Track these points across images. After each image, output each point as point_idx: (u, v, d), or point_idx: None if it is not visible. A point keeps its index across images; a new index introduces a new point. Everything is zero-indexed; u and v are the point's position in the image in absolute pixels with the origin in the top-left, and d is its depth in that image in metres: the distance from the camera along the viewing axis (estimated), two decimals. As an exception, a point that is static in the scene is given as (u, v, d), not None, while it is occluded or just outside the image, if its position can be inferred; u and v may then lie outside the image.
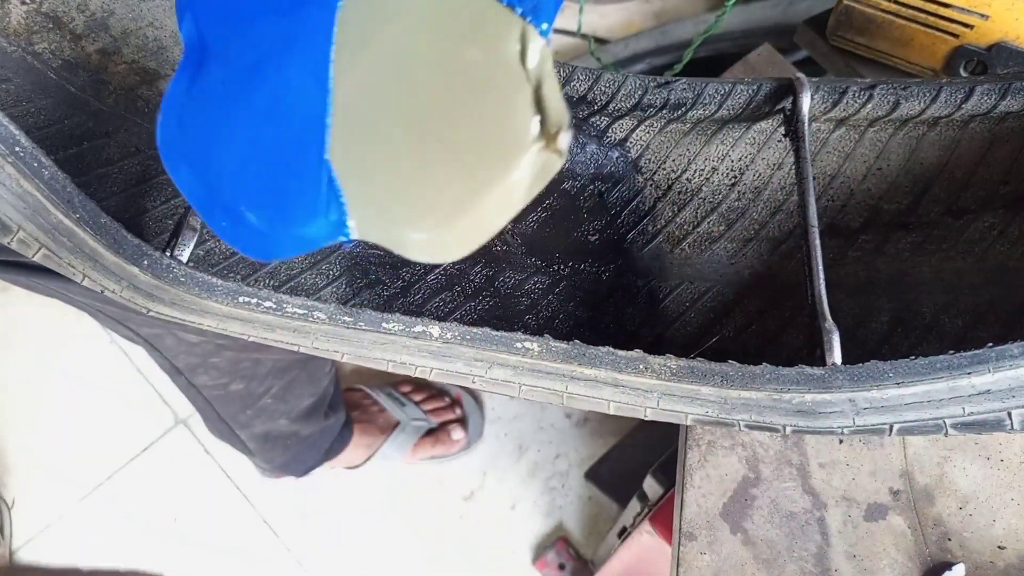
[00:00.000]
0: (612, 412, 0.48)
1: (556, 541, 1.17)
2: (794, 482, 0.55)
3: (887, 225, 0.58)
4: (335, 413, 1.04)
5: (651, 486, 0.84)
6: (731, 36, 1.12)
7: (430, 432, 1.21)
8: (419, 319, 0.46)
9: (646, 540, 0.78)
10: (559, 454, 1.23)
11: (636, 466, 1.12)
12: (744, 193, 0.61)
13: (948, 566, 0.51)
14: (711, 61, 1.15)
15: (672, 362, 0.46)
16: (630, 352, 0.46)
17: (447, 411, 1.23)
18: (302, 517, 1.20)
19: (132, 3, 0.56)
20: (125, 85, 0.57)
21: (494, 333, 0.46)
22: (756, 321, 0.58)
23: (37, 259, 0.42)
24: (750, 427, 0.47)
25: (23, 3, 0.50)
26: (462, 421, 1.23)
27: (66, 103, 0.54)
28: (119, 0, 0.55)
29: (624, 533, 0.94)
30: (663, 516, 0.75)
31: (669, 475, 0.82)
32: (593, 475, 1.18)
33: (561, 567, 1.15)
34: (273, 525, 1.19)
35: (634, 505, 0.91)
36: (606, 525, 1.17)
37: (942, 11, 0.63)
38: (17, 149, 0.38)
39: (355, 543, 1.19)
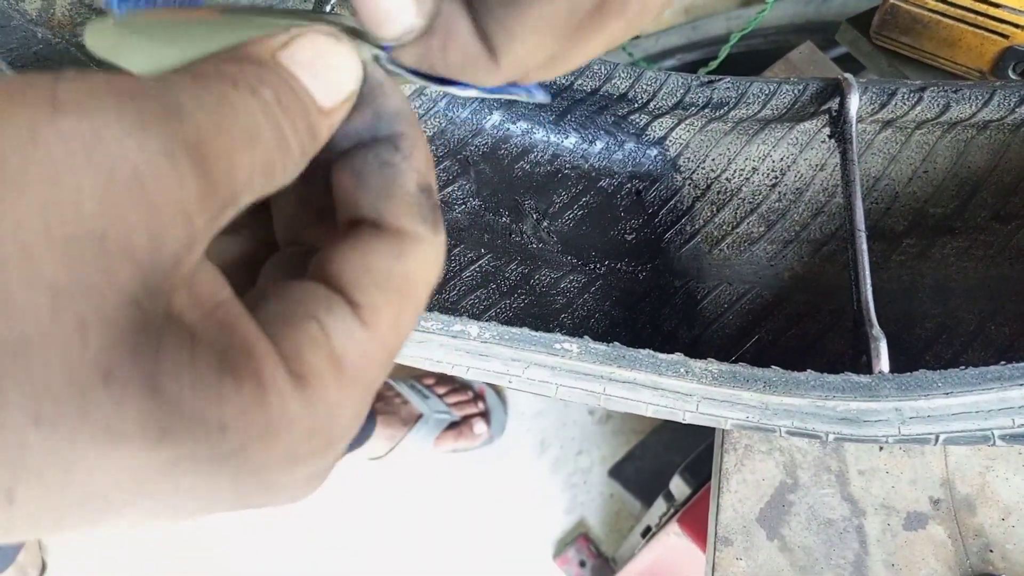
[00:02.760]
0: (650, 415, 0.48)
1: (577, 538, 1.17)
2: (832, 488, 0.54)
3: (932, 229, 0.57)
4: (359, 406, 1.04)
5: (678, 486, 0.83)
6: (764, 32, 1.10)
7: (453, 425, 1.21)
8: (457, 318, 0.46)
9: (673, 541, 0.77)
10: (581, 450, 1.22)
11: (660, 465, 1.12)
12: (785, 194, 0.60)
13: (989, 578, 0.50)
14: (743, 57, 1.13)
15: (714, 366, 0.45)
16: (671, 355, 0.46)
17: (470, 405, 1.23)
18: (323, 506, 1.20)
19: (172, -6, 0.56)
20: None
21: (533, 334, 0.46)
22: (796, 325, 0.57)
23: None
24: (791, 433, 0.47)
25: (67, -6, 0.50)
26: (485, 415, 1.23)
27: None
28: (160, -9, 0.55)
29: (649, 532, 0.94)
30: (691, 517, 0.75)
31: (697, 475, 0.82)
32: (616, 473, 1.18)
33: (582, 564, 1.15)
34: (294, 513, 1.20)
35: (660, 504, 0.91)
36: (628, 523, 1.16)
37: (992, 11, 0.62)
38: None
39: (375, 533, 1.19)
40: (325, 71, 0.20)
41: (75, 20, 0.50)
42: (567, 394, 0.48)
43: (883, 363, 0.44)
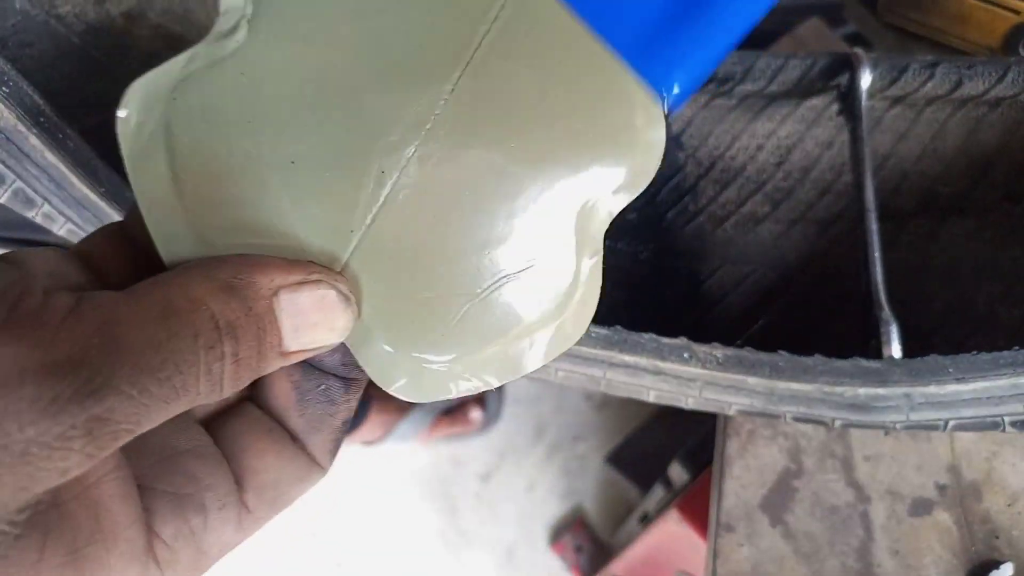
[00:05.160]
0: (652, 400, 0.46)
1: (573, 523, 1.16)
2: (837, 474, 0.53)
3: (942, 209, 0.56)
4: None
5: (677, 472, 0.82)
6: (772, 11, 1.08)
7: (448, 411, 1.20)
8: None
9: (672, 527, 0.76)
10: (577, 436, 1.21)
11: (658, 450, 1.11)
12: (791, 172, 0.59)
13: (995, 564, 0.49)
14: (750, 37, 1.11)
15: (718, 351, 0.44)
16: (674, 339, 0.44)
17: (465, 390, 1.22)
18: (317, 492, 1.19)
19: (158, -37, 0.54)
20: (149, 50, 0.55)
21: (532, 316, 0.44)
22: (801, 307, 0.56)
23: (62, 234, 0.41)
24: (797, 419, 0.45)
25: (47, -39, 0.48)
26: (480, 401, 1.21)
27: (89, 69, 0.51)
28: (145, -40, 0.53)
29: (646, 518, 0.93)
30: (691, 503, 0.74)
31: (696, 461, 0.81)
32: (614, 459, 1.17)
33: (578, 549, 1.14)
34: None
35: (658, 490, 0.90)
36: (624, 509, 1.16)
37: (1003, -15, 0.60)
38: (42, 120, 0.36)
39: (371, 520, 1.18)
40: (312, 327, 0.21)
41: (54, -12, 0.48)
42: (568, 379, 0.47)
43: (894, 348, 0.43)
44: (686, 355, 0.44)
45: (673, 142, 0.61)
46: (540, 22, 0.23)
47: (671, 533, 0.78)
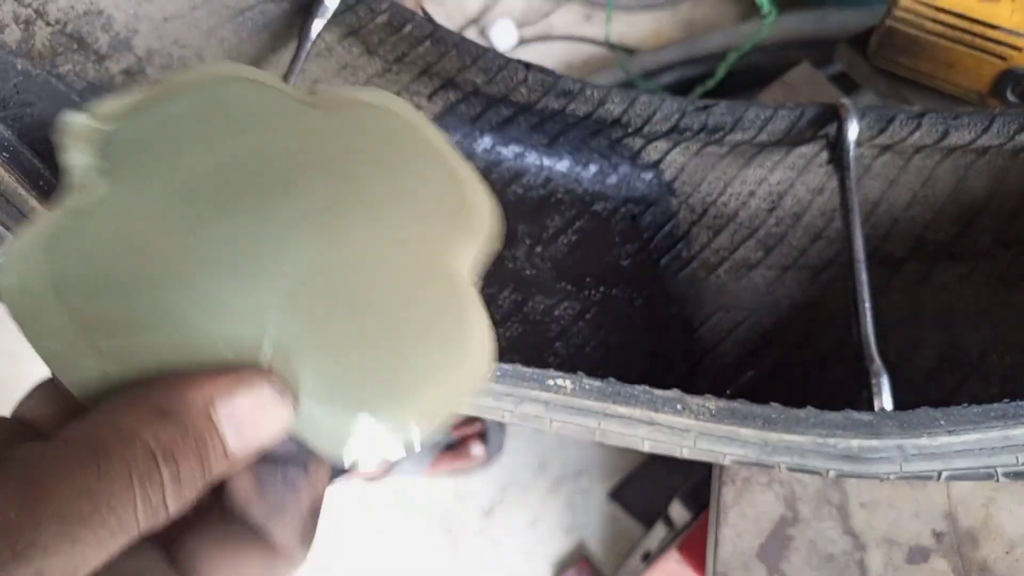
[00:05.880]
0: (647, 450, 0.47)
1: (577, 560, 1.15)
2: (834, 522, 0.53)
3: (933, 255, 0.56)
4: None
5: (678, 511, 0.82)
6: (763, 48, 1.10)
7: (450, 447, 1.19)
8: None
9: (673, 568, 0.76)
10: (581, 471, 1.21)
11: (661, 487, 1.10)
12: (783, 218, 0.59)
13: (994, 613, 0.49)
14: (741, 73, 1.12)
15: (711, 403, 0.44)
16: (667, 391, 0.44)
17: (467, 425, 1.21)
18: (319, 528, 1.19)
19: (156, 22, 0.55)
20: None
21: (525, 370, 0.45)
22: (795, 353, 0.56)
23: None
24: (792, 469, 0.45)
25: (48, 24, 0.49)
26: (482, 435, 1.21)
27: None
28: (143, 19, 0.54)
29: (648, 557, 0.92)
30: (691, 544, 0.74)
31: (697, 500, 0.80)
32: (617, 495, 1.16)
33: (581, 586, 1.13)
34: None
35: (659, 529, 0.89)
36: (627, 544, 1.15)
37: (989, 33, 0.61)
38: (41, 183, 0.37)
39: (372, 556, 1.18)
40: (252, 427, 0.21)
41: (56, 51, 0.49)
42: (562, 429, 0.47)
43: (885, 400, 0.43)
44: (679, 407, 0.44)
45: (666, 188, 0.61)
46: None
47: (671, 574, 0.78)
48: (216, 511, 0.23)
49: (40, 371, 0.23)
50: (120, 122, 0.25)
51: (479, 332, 0.27)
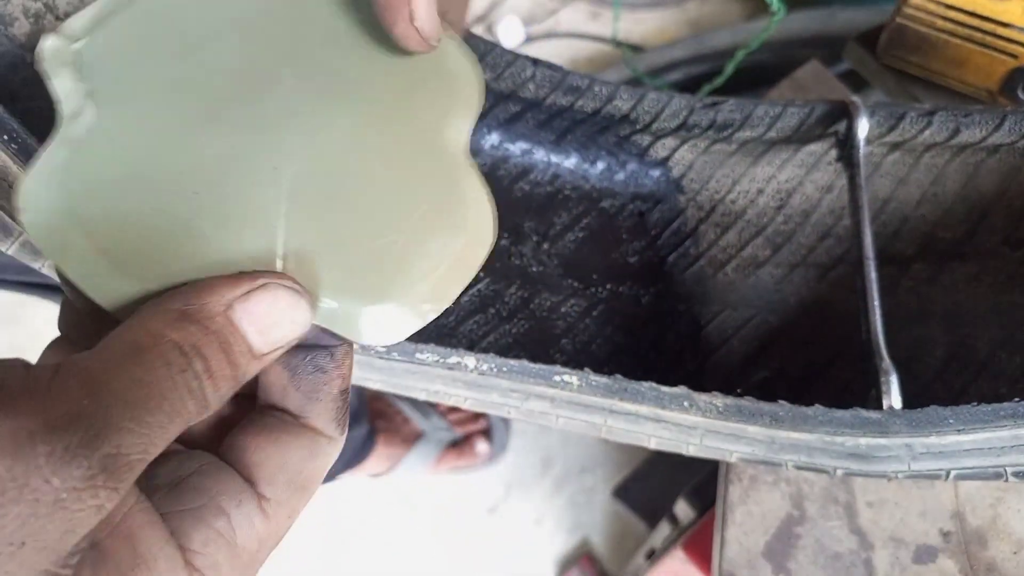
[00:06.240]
0: (653, 447, 0.47)
1: (581, 558, 1.15)
2: (840, 521, 0.53)
3: (942, 254, 0.56)
4: (358, 424, 1.03)
5: (683, 509, 0.82)
6: (771, 46, 1.09)
7: (454, 444, 1.19)
8: (454, 350, 0.45)
9: (677, 566, 0.76)
10: (585, 469, 1.21)
11: (666, 484, 1.10)
12: (791, 216, 0.59)
13: (1002, 614, 0.49)
14: (749, 70, 1.12)
15: (719, 400, 0.44)
16: (674, 388, 0.44)
17: (472, 422, 1.21)
18: (323, 525, 1.19)
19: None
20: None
21: (531, 366, 0.45)
22: (802, 352, 0.56)
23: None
24: (799, 468, 0.45)
25: (57, 19, 0.49)
26: (487, 433, 1.21)
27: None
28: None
29: (653, 555, 0.92)
30: (696, 542, 0.73)
31: (702, 498, 0.80)
32: (621, 492, 1.16)
33: (585, 584, 1.13)
34: (293, 531, 1.18)
35: (664, 527, 0.89)
36: (633, 543, 1.15)
37: (1000, 31, 0.60)
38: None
39: (376, 553, 1.18)
40: (273, 327, 0.23)
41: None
42: (568, 425, 0.47)
43: (894, 398, 0.43)
44: (686, 404, 0.44)
45: (674, 186, 0.61)
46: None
47: (676, 572, 0.77)
48: (256, 411, 0.25)
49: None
50: (90, 36, 0.25)
51: (479, 203, 0.28)
